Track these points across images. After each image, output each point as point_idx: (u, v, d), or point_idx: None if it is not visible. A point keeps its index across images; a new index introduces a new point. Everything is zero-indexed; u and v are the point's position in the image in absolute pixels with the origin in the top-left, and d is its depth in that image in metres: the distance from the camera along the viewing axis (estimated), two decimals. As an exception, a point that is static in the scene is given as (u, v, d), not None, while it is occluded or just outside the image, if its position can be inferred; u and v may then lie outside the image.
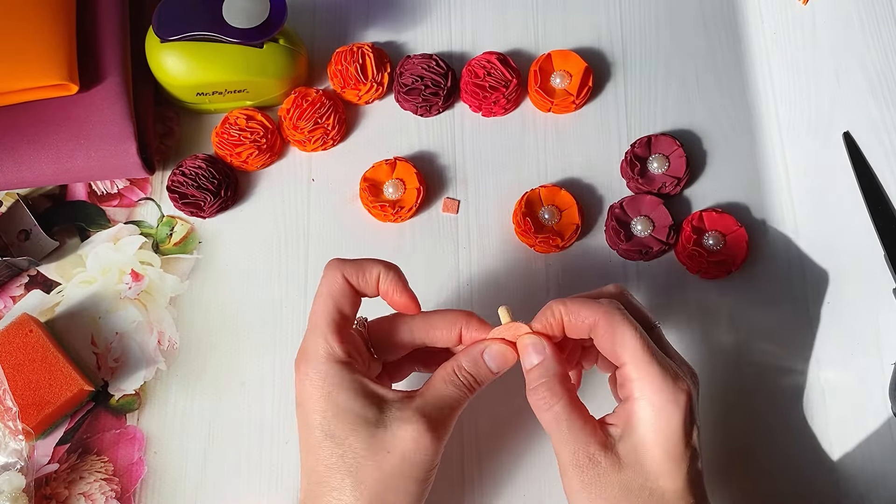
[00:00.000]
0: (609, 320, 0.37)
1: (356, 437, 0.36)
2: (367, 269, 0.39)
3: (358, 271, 0.39)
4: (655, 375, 0.36)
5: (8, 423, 0.46)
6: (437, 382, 0.39)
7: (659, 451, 0.36)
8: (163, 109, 0.55)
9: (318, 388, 0.37)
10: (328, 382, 0.37)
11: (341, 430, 0.36)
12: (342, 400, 0.37)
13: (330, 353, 0.37)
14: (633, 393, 0.37)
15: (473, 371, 0.39)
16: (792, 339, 0.50)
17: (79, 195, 0.53)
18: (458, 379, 0.38)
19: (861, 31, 0.56)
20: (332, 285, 0.38)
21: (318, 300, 0.38)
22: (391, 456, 0.36)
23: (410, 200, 0.51)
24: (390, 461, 0.36)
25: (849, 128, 0.54)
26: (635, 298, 0.41)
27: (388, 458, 0.36)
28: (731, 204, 0.52)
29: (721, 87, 0.55)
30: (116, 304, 0.51)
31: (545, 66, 0.54)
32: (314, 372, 0.37)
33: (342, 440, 0.36)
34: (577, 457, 0.36)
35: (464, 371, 0.39)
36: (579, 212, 0.51)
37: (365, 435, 0.36)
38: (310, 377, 0.37)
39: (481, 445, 0.48)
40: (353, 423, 0.36)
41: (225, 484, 0.47)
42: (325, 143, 0.53)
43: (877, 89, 0.55)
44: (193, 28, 0.49)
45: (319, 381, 0.37)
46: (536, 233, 0.50)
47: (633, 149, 0.52)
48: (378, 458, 0.36)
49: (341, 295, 0.38)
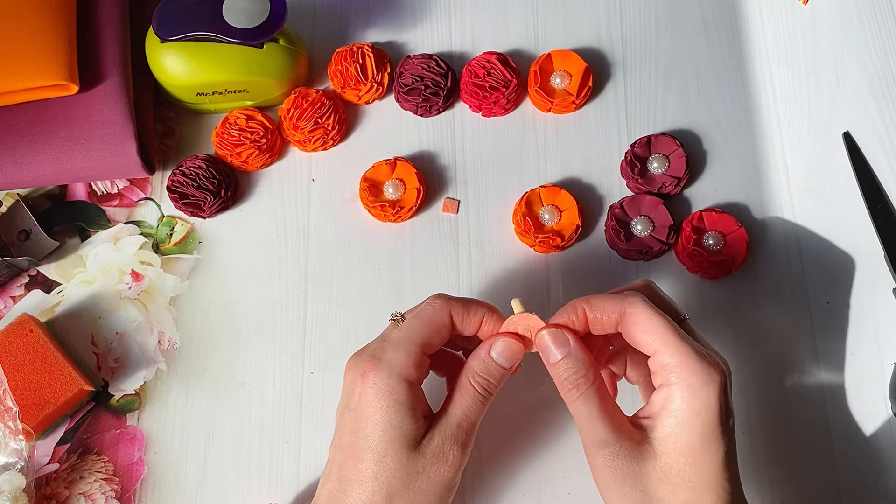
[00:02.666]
0: (634, 310, 0.37)
1: (395, 457, 0.37)
2: (472, 310, 0.39)
3: (464, 311, 0.39)
4: (690, 356, 0.36)
5: (8, 423, 0.46)
6: (455, 394, 0.39)
7: (696, 435, 0.35)
8: (163, 109, 0.55)
9: (381, 400, 0.37)
10: (392, 398, 0.37)
11: (385, 446, 0.37)
12: (398, 418, 0.37)
13: (405, 373, 0.37)
14: (668, 378, 0.36)
15: (485, 373, 0.39)
16: (792, 339, 0.50)
17: (79, 195, 0.53)
18: (473, 386, 0.38)
19: (861, 31, 0.56)
20: (437, 316, 0.39)
21: (418, 321, 0.38)
22: (421, 478, 0.37)
23: (410, 200, 0.51)
24: (420, 483, 0.37)
25: (849, 128, 0.54)
26: (663, 291, 0.41)
27: (418, 480, 0.37)
28: (731, 204, 0.52)
29: (721, 87, 0.55)
30: (116, 304, 0.51)
31: (545, 66, 0.54)
32: (383, 383, 0.37)
33: (382, 456, 0.37)
34: (609, 448, 0.36)
35: (477, 376, 0.38)
36: (579, 212, 0.51)
37: (405, 457, 0.37)
38: (377, 386, 0.37)
39: (482, 446, 0.48)
40: (399, 443, 0.37)
41: (225, 484, 0.47)
42: (325, 143, 0.53)
43: (877, 89, 0.55)
44: (193, 28, 0.49)
45: (386, 393, 0.37)
46: (536, 233, 0.50)
47: (633, 149, 0.52)
48: (410, 479, 0.37)
49: (441, 327, 0.38)
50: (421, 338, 0.38)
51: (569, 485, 0.47)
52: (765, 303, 0.50)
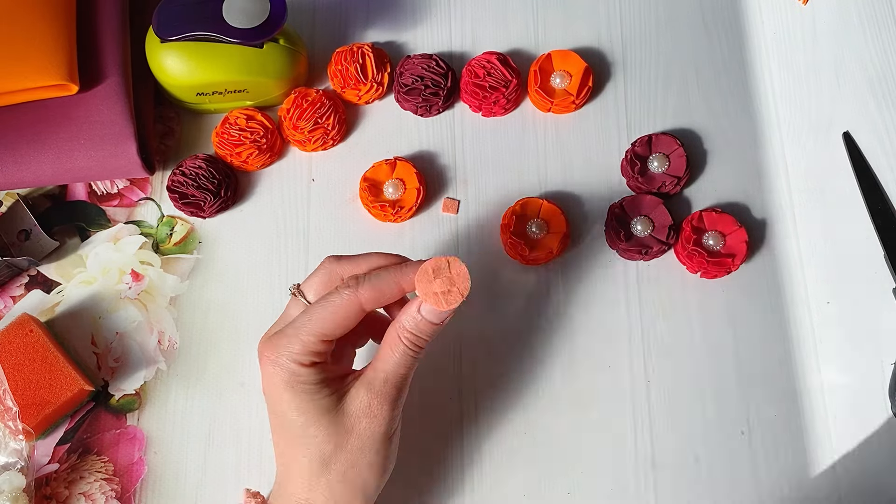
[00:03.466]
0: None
1: (318, 426, 0.38)
2: (385, 290, 0.38)
3: (376, 295, 0.38)
4: None
5: (8, 423, 0.46)
6: (385, 350, 0.39)
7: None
8: (163, 109, 0.55)
9: (283, 384, 0.38)
10: (293, 378, 0.38)
11: (304, 420, 0.38)
12: (305, 393, 0.38)
13: (302, 359, 0.38)
14: None
15: (415, 329, 0.38)
16: (792, 339, 0.50)
17: (79, 195, 0.53)
18: (403, 342, 0.38)
19: (861, 31, 0.56)
20: (344, 310, 0.38)
21: (322, 313, 0.38)
22: (352, 436, 0.38)
23: (410, 200, 0.51)
24: (352, 441, 0.38)
25: (849, 128, 0.54)
26: None
27: (349, 439, 0.38)
28: (731, 204, 0.52)
29: (721, 87, 0.55)
30: (116, 304, 0.51)
31: (545, 66, 0.54)
32: (281, 369, 0.38)
33: (305, 429, 0.38)
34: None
35: (406, 332, 0.38)
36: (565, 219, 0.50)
37: (326, 423, 0.38)
38: (275, 372, 0.38)
39: (482, 445, 0.48)
40: (316, 414, 0.38)
41: (225, 484, 0.47)
42: (325, 143, 0.53)
43: (877, 89, 0.55)
44: (193, 28, 0.49)
45: (285, 379, 0.38)
46: (531, 251, 0.50)
47: (634, 147, 0.52)
48: (340, 440, 0.38)
49: (347, 320, 0.38)
50: (322, 329, 0.38)
51: (569, 485, 0.47)
52: (765, 303, 0.50)
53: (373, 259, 0.40)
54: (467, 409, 0.48)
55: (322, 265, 0.41)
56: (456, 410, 0.48)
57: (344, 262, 0.40)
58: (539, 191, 0.53)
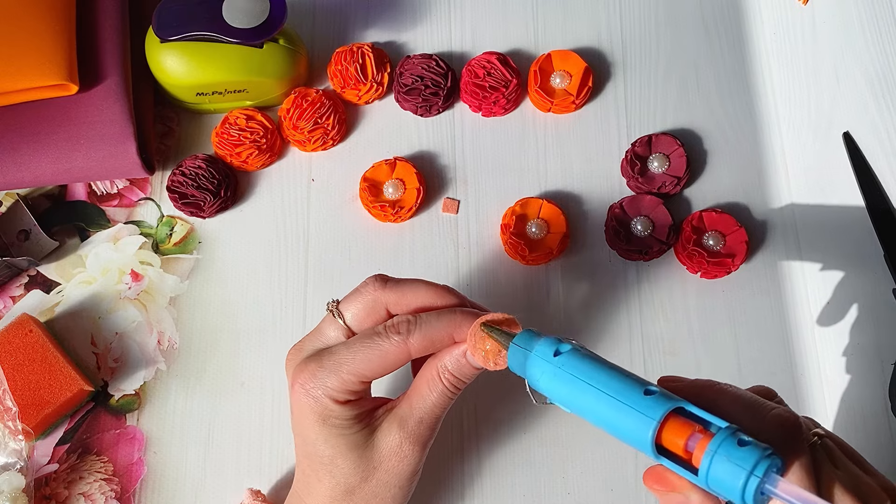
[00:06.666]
0: None
1: (345, 459, 0.37)
2: (437, 339, 0.36)
3: (426, 345, 0.36)
4: None
5: (8, 423, 0.46)
6: (422, 387, 0.37)
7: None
8: (163, 109, 0.55)
9: (314, 411, 0.37)
10: (326, 412, 0.37)
11: (332, 453, 0.37)
12: (335, 428, 0.37)
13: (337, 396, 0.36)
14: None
15: (457, 371, 0.37)
16: (792, 339, 0.50)
17: (79, 195, 0.53)
18: (442, 382, 0.37)
19: (861, 31, 0.56)
20: (392, 356, 0.36)
21: (367, 353, 0.36)
22: (379, 471, 0.37)
23: (410, 200, 0.51)
24: (378, 475, 0.37)
25: (849, 128, 0.54)
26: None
27: (376, 474, 0.37)
28: (731, 204, 0.52)
29: (721, 86, 0.55)
30: (116, 304, 0.51)
31: (545, 66, 0.54)
32: (315, 400, 0.36)
33: (332, 459, 0.37)
34: None
35: (448, 373, 0.37)
36: (565, 219, 0.50)
37: (354, 457, 0.37)
38: (310, 398, 0.36)
39: (482, 445, 0.48)
40: (345, 448, 0.37)
41: (225, 484, 0.47)
42: (325, 143, 0.53)
43: (877, 89, 0.55)
44: (193, 28, 0.49)
45: (319, 408, 0.37)
46: (530, 251, 0.50)
47: (634, 147, 0.52)
48: (367, 474, 0.37)
49: (391, 366, 0.36)
50: (364, 371, 0.36)
51: (569, 485, 0.47)
52: (764, 303, 0.50)
53: (421, 291, 0.37)
54: (467, 410, 0.48)
55: (366, 288, 0.38)
56: (456, 410, 0.48)
57: (389, 291, 0.37)
58: (539, 191, 0.53)
